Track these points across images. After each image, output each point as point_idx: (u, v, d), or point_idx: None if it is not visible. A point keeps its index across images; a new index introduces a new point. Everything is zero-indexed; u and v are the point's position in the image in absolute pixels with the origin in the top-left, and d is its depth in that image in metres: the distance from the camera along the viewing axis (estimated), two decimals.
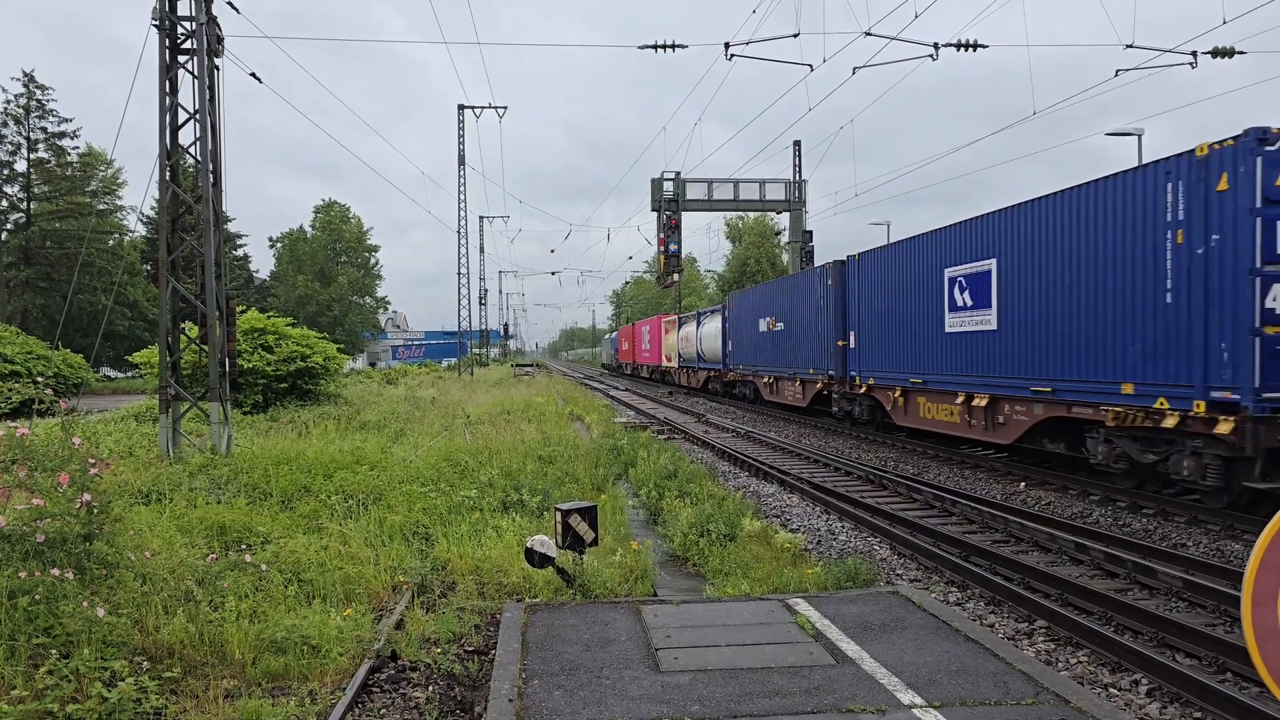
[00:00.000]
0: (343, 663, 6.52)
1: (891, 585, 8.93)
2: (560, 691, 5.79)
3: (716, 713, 5.41)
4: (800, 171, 47.48)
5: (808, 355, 27.41)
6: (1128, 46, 19.26)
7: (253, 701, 5.72)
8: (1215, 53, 20.31)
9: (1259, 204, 11.06)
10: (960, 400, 17.94)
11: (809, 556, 10.46)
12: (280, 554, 8.64)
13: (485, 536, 9.84)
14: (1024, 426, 16.11)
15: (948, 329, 18.59)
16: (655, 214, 45.84)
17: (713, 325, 41.48)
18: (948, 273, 18.60)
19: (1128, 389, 13.21)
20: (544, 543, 7.95)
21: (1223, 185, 11.44)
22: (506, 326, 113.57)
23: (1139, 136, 29.66)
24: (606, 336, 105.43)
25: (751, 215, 77.43)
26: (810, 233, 47.09)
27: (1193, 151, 11.86)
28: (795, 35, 19.66)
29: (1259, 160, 11.02)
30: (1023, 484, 15.77)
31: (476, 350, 74.43)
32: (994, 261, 16.89)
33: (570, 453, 16.35)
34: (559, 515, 8.19)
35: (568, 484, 13.56)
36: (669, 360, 53.64)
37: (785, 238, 61.89)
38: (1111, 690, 6.72)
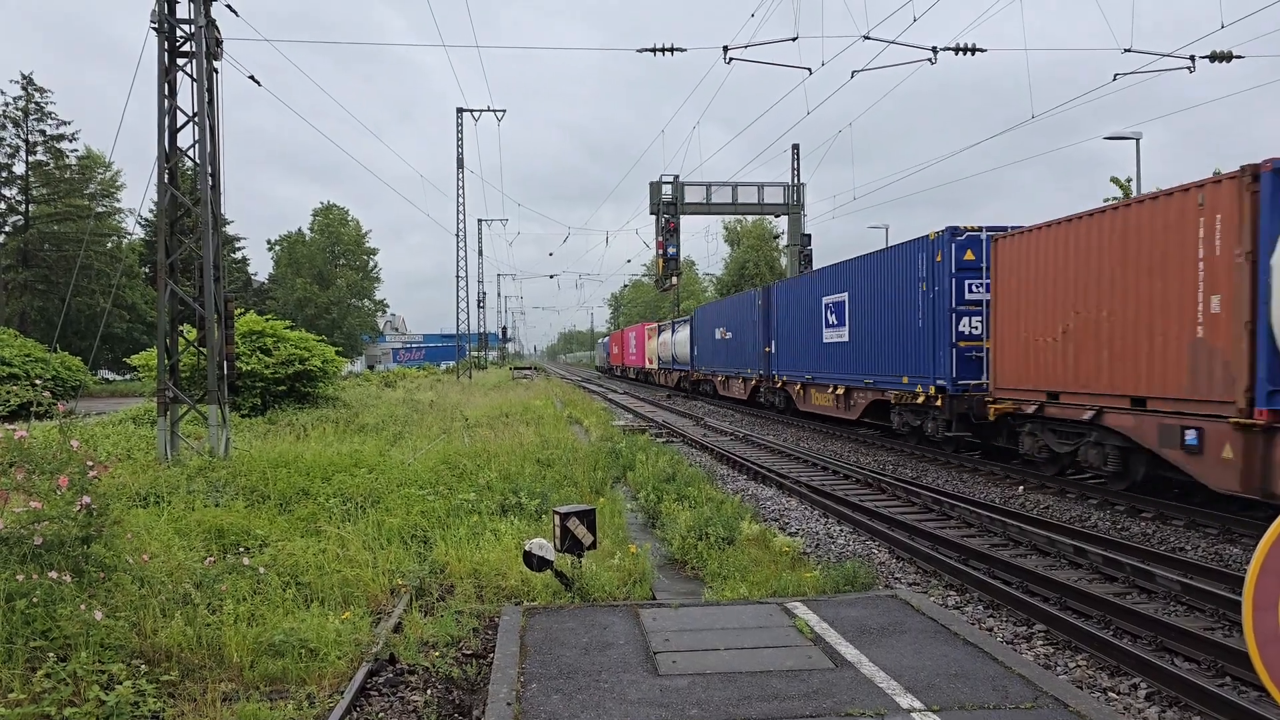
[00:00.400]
0: (341, 666, 6.51)
1: (890, 589, 8.93)
2: (559, 695, 5.78)
3: (715, 716, 5.40)
4: (799, 175, 47.50)
5: (746, 359, 35.05)
6: (1126, 50, 19.26)
7: (250, 705, 5.70)
8: (1213, 57, 20.32)
9: (954, 270, 18.44)
10: (831, 390, 25.62)
11: (807, 560, 10.46)
12: (278, 557, 8.63)
13: (483, 539, 9.82)
14: (862, 407, 23.59)
15: (824, 340, 25.93)
16: (654, 217, 45.85)
17: (683, 333, 48.55)
18: (824, 300, 25.94)
19: (905, 380, 20.37)
20: (542, 546, 7.94)
21: (939, 258, 18.76)
22: (505, 329, 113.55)
23: (1137, 140, 29.74)
24: (599, 341, 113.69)
25: (750, 218, 77.50)
26: (809, 236, 47.09)
27: (927, 235, 19.30)
28: (794, 39, 19.67)
29: (954, 245, 18.46)
30: (1021, 488, 15.78)
31: (475, 353, 74.43)
32: (847, 294, 24.17)
33: (569, 456, 16.34)
34: (557, 518, 8.18)
35: (566, 487, 13.55)
36: (650, 363, 60.95)
37: (784, 241, 61.95)
38: (1110, 694, 6.72)
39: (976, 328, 18.20)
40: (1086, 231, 14.16)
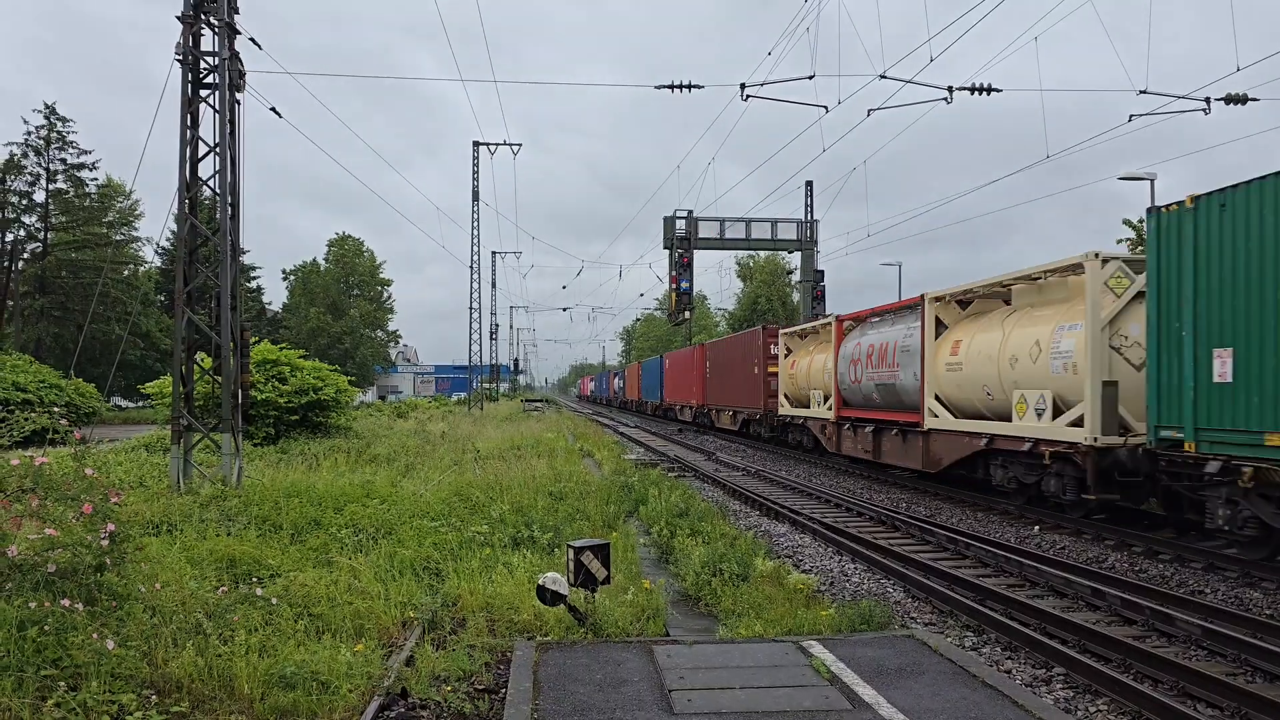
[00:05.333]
0: (352, 699, 6.44)
1: (906, 629, 8.82)
2: None
3: None
4: (812, 211, 47.70)
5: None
6: (1141, 92, 19.34)
7: None
8: (1229, 99, 20.38)
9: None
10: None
11: (822, 598, 10.35)
12: (290, 587, 8.58)
13: (496, 573, 9.76)
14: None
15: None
16: (667, 251, 46.03)
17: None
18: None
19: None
20: (556, 580, 7.88)
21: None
22: (517, 361, 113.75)
23: (1151, 181, 29.74)
24: (579, 380, 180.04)
25: (763, 254, 77.76)
26: (822, 272, 47.16)
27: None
28: (810, 77, 19.84)
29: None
30: (1037, 528, 15.63)
31: (487, 385, 74.47)
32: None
33: (581, 489, 16.27)
34: (571, 553, 8.12)
35: (579, 521, 13.47)
36: (588, 392, 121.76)
37: (797, 277, 62.05)
38: None
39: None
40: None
